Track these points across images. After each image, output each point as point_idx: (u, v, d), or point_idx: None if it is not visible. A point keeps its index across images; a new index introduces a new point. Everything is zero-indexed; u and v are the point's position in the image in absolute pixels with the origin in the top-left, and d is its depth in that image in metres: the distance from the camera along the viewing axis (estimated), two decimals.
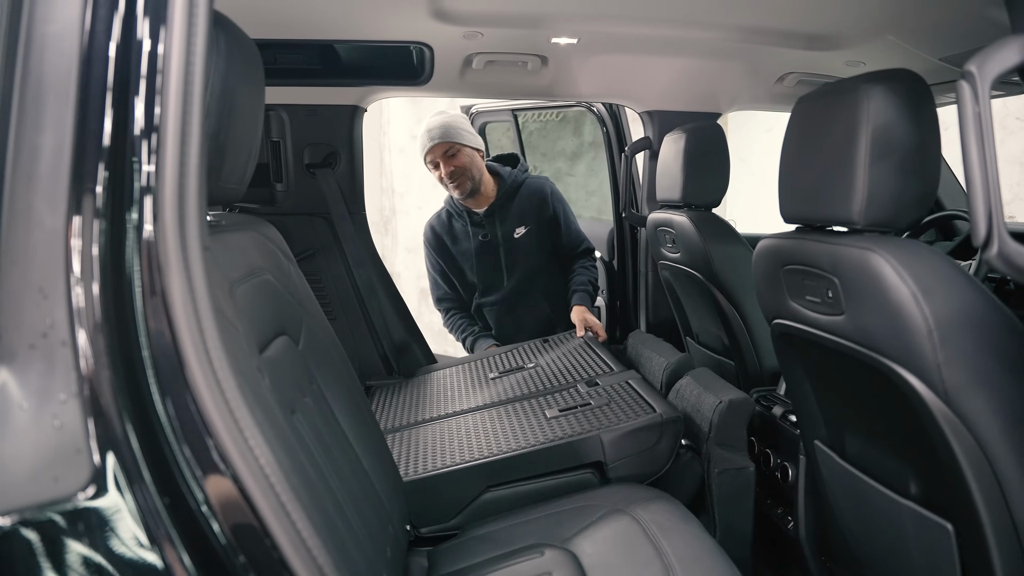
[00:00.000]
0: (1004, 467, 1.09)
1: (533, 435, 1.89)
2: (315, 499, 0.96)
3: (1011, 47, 0.94)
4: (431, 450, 1.93)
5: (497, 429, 1.98)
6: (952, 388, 1.10)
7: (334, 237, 2.73)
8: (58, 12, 0.75)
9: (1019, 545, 1.10)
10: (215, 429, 0.75)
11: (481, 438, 1.94)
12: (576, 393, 2.15)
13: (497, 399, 2.21)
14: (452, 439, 1.97)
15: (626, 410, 1.95)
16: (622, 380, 2.18)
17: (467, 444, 1.92)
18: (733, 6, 1.94)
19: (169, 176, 0.76)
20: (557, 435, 1.86)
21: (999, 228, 0.93)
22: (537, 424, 1.96)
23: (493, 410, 2.13)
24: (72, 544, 0.70)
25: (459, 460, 1.84)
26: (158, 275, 0.75)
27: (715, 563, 1.36)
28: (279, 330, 1.24)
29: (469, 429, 2.02)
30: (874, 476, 1.43)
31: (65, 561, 0.69)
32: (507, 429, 1.96)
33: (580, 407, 2.02)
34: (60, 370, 0.72)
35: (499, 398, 2.22)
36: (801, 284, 1.39)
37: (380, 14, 2.03)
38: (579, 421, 1.92)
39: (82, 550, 0.70)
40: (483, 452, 1.85)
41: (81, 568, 0.70)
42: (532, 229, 2.90)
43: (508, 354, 2.65)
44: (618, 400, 2.03)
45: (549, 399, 2.14)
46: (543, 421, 1.97)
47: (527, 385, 2.29)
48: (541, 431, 1.90)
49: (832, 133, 1.26)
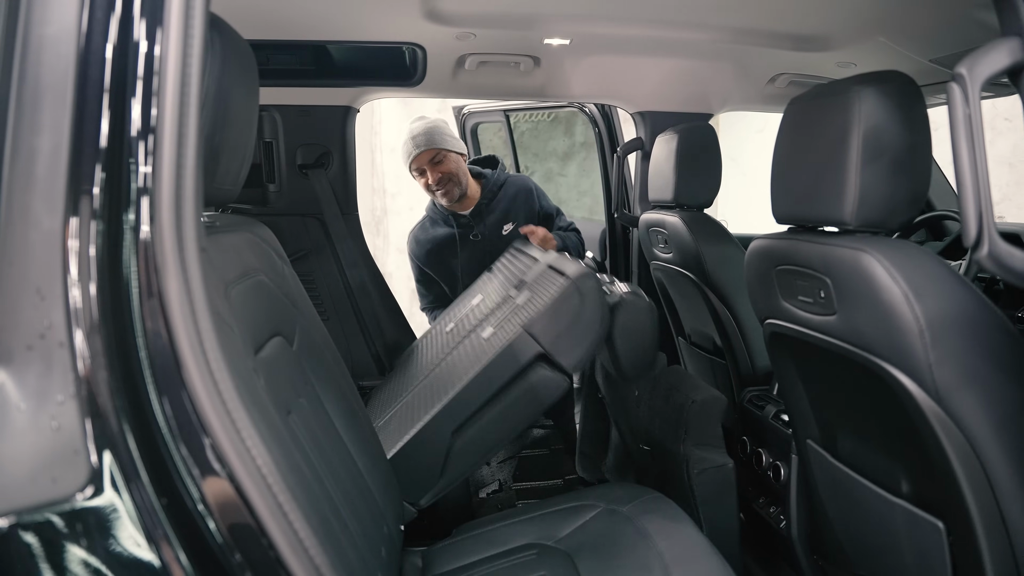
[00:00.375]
0: (995, 466, 1.11)
1: (473, 363, 1.83)
2: (311, 499, 0.96)
3: (1000, 50, 0.95)
4: (403, 424, 1.87)
5: (446, 375, 1.91)
6: (943, 387, 1.11)
7: (327, 237, 2.72)
8: (55, 14, 0.75)
9: (1009, 543, 1.11)
10: (212, 429, 0.76)
11: (437, 391, 1.87)
12: (510, 303, 2.05)
13: (450, 347, 2.13)
14: (417, 405, 1.90)
15: (543, 294, 1.86)
16: (543, 267, 2.06)
17: (426, 402, 1.86)
18: (724, 7, 1.95)
19: (166, 177, 0.76)
20: (492, 350, 1.80)
21: (989, 229, 0.94)
22: (476, 350, 1.89)
23: (446, 360, 2.05)
24: (70, 544, 0.70)
25: (421, 419, 1.79)
26: (155, 276, 0.76)
27: (709, 562, 1.37)
28: (274, 331, 1.25)
29: (427, 387, 1.96)
30: (866, 475, 1.44)
31: (64, 561, 0.69)
32: (454, 370, 1.89)
33: (509, 313, 1.93)
34: (58, 371, 0.72)
35: (451, 345, 2.14)
36: (793, 284, 1.40)
37: (373, 15, 2.03)
38: (511, 326, 1.85)
39: (80, 550, 0.70)
40: (439, 401, 1.80)
41: (80, 568, 0.70)
42: (518, 225, 2.82)
43: (461, 302, 2.54)
44: (538, 288, 1.93)
45: (487, 321, 2.04)
46: (481, 344, 1.90)
47: (474, 319, 2.19)
48: (481, 355, 1.83)
49: (824, 134, 1.26)
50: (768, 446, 2.05)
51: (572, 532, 1.54)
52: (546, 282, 1.91)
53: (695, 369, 2.65)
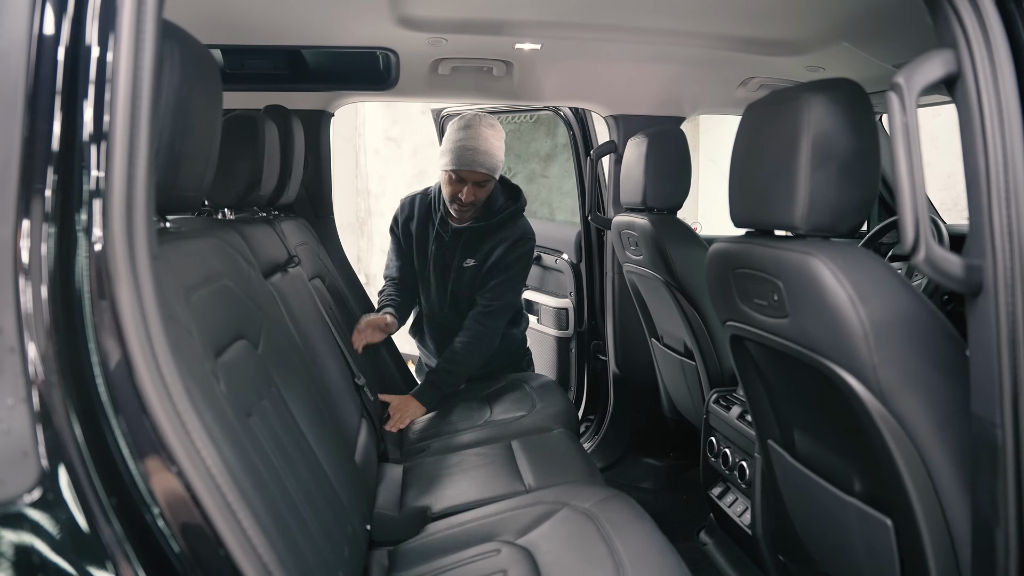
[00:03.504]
0: (936, 464, 1.14)
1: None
2: (265, 499, 0.98)
3: (935, 61, 0.98)
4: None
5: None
6: (887, 388, 1.14)
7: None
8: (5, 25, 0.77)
9: (950, 538, 1.14)
10: (162, 431, 0.78)
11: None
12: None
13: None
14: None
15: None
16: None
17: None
18: (693, 13, 1.97)
19: (117, 183, 0.78)
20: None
21: (925, 234, 0.97)
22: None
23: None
24: (17, 543, 0.71)
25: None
26: (107, 281, 0.77)
27: (665, 560, 1.40)
28: (237, 334, 1.26)
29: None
30: (822, 474, 1.47)
31: (10, 560, 0.71)
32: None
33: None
34: (8, 376, 0.74)
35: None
36: (749, 287, 1.43)
37: (346, 21, 2.05)
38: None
39: (27, 550, 0.72)
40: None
41: (26, 567, 0.71)
42: (477, 266, 2.62)
43: None
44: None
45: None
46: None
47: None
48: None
49: (776, 140, 1.29)
50: (734, 445, 2.09)
51: (535, 530, 1.57)
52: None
53: (667, 370, 2.68)
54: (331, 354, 2.08)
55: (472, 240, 2.59)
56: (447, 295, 2.67)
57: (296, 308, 1.87)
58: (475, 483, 1.93)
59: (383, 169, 6.34)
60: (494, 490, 1.86)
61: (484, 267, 2.60)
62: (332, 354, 2.09)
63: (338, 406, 1.91)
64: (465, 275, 2.63)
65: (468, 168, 2.40)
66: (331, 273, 2.67)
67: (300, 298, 1.99)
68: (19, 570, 0.71)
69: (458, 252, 2.61)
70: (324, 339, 2.08)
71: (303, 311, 1.96)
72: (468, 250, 2.61)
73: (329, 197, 2.83)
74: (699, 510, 2.46)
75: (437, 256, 2.65)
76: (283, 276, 1.92)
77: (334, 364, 2.06)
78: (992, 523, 0.97)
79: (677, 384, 2.62)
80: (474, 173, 2.41)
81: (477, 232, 2.59)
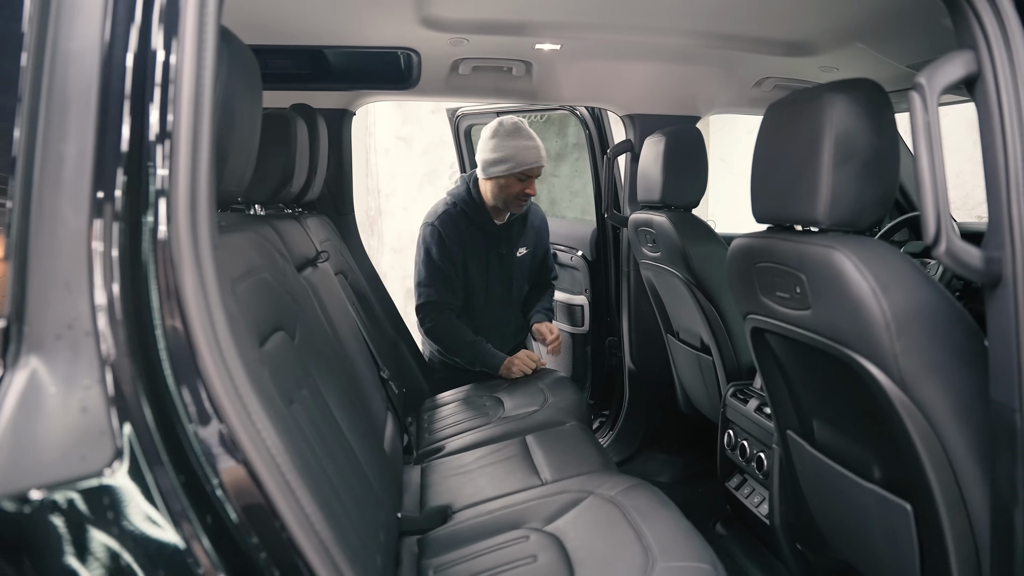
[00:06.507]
0: (954, 448, 1.18)
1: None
2: (315, 482, 1.02)
3: (956, 62, 1.02)
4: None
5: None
6: (908, 376, 1.18)
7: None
8: (79, 30, 0.82)
9: (969, 522, 1.19)
10: (226, 415, 0.82)
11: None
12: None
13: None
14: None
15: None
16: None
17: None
18: (709, 15, 2.01)
19: (182, 180, 0.83)
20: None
21: (946, 227, 1.01)
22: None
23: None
24: (97, 516, 0.76)
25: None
26: (172, 272, 0.82)
27: (692, 544, 1.44)
28: (276, 326, 1.31)
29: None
30: (841, 462, 1.51)
31: (90, 531, 0.76)
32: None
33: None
34: (84, 358, 0.79)
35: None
36: (772, 281, 1.47)
37: (369, 21, 2.10)
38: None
39: (106, 522, 0.77)
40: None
41: (105, 538, 0.76)
42: (530, 252, 3.01)
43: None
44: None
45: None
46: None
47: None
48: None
49: (798, 139, 1.33)
50: (752, 438, 2.13)
51: (562, 518, 1.61)
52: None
53: (683, 365, 2.72)
54: (359, 347, 2.13)
55: (515, 231, 2.95)
56: (506, 287, 2.95)
57: (327, 302, 1.92)
58: (493, 479, 1.97)
59: (393, 168, 6.38)
60: (512, 485, 1.90)
61: (537, 250, 3.04)
62: (360, 347, 2.14)
63: (367, 398, 1.96)
64: (523, 263, 2.98)
65: (537, 164, 2.71)
66: (353, 270, 2.72)
67: (330, 292, 2.04)
68: (97, 538, 0.76)
69: (506, 245, 2.91)
70: (352, 332, 2.13)
71: (333, 305, 2.01)
72: (515, 241, 2.93)
73: (350, 195, 2.88)
74: (715, 503, 2.50)
75: (493, 256, 2.88)
76: (313, 271, 1.97)
77: (361, 357, 2.11)
78: (1011, 504, 1.01)
79: (693, 379, 2.66)
80: (539, 168, 2.73)
81: (519, 222, 2.93)
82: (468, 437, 2.33)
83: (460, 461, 2.14)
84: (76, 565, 0.75)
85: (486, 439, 2.29)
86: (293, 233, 1.92)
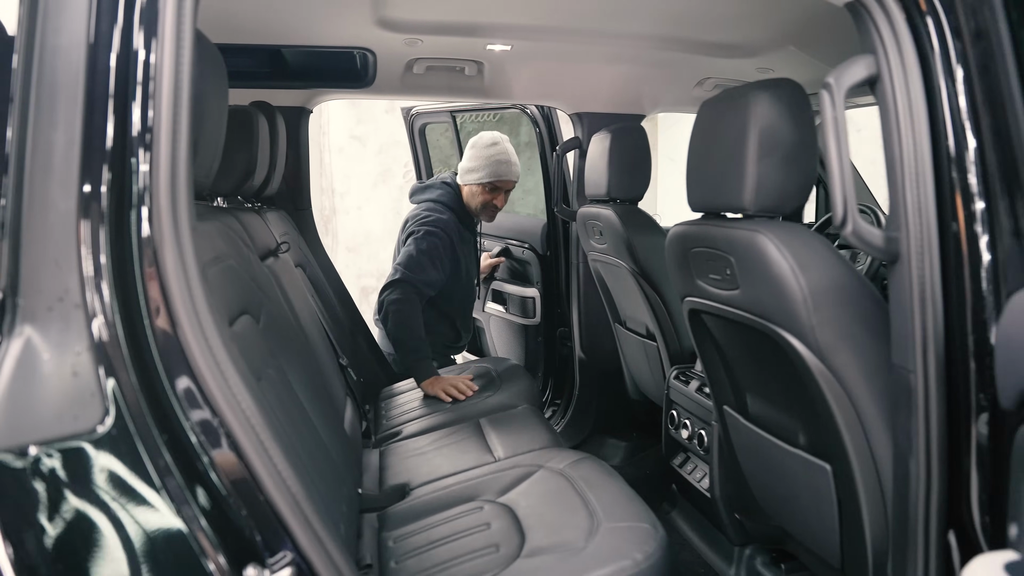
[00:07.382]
0: (866, 411, 1.31)
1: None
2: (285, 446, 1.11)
3: (860, 64, 1.15)
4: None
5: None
6: (824, 346, 1.32)
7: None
8: (66, 26, 0.90)
9: (877, 476, 1.32)
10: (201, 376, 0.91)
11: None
12: None
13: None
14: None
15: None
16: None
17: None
18: (653, 19, 2.13)
19: (163, 166, 0.91)
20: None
21: (852, 210, 1.13)
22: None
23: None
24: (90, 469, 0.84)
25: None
26: (153, 248, 0.90)
27: (634, 507, 1.56)
28: (242, 310, 1.39)
29: None
30: (771, 432, 1.64)
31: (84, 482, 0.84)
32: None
33: None
34: (74, 328, 0.87)
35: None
36: (705, 264, 1.59)
37: (328, 21, 2.18)
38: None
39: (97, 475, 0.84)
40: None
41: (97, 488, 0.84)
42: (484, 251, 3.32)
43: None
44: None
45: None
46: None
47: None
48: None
49: (728, 133, 1.46)
50: (693, 416, 2.26)
51: (514, 489, 1.72)
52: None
53: (630, 352, 2.85)
54: (319, 334, 2.20)
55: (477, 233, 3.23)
56: (475, 282, 3.20)
57: (288, 290, 2.00)
58: (448, 459, 2.07)
59: (348, 168, 6.42)
60: (467, 463, 2.00)
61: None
62: (320, 335, 2.22)
63: (328, 382, 2.04)
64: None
65: (507, 178, 2.92)
66: (311, 263, 2.79)
67: (291, 281, 2.12)
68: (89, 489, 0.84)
69: (481, 246, 3.31)
70: (312, 321, 2.21)
71: (294, 293, 2.08)
72: (478, 242, 3.27)
73: (307, 191, 2.95)
74: (661, 483, 2.63)
75: (472, 257, 3.14)
76: (275, 261, 2.04)
77: (321, 344, 2.19)
78: (907, 454, 1.14)
79: (640, 365, 2.78)
80: (509, 183, 2.94)
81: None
82: (424, 422, 2.42)
83: (417, 444, 2.23)
84: (71, 512, 0.83)
85: (442, 423, 2.38)
86: (255, 224, 1.99)
